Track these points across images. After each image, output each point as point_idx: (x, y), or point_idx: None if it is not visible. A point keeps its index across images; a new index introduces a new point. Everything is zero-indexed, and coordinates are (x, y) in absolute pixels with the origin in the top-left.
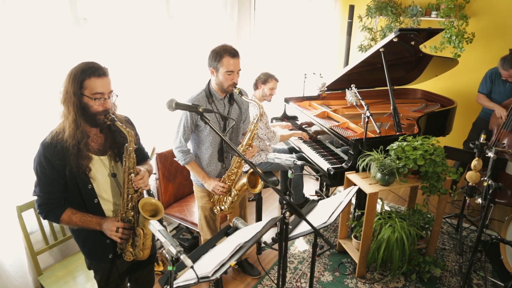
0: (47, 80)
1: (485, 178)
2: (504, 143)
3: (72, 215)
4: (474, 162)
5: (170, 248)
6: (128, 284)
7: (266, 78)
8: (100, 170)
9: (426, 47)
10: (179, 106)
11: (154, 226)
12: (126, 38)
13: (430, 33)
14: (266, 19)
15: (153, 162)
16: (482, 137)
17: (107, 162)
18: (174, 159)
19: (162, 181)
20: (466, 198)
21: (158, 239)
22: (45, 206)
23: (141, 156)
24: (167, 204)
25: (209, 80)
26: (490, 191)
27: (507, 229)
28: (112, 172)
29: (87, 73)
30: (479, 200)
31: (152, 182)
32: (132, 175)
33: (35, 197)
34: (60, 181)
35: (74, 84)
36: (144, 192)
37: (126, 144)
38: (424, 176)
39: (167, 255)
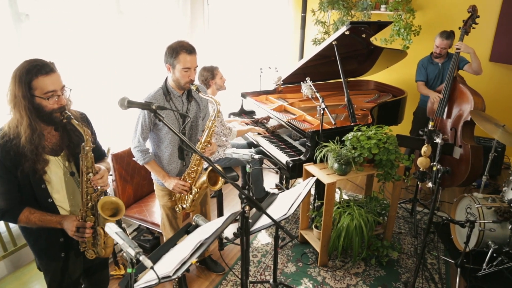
0: None
1: (434, 163)
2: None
3: (30, 215)
4: (424, 149)
5: (129, 250)
6: (83, 286)
7: (212, 72)
8: (54, 170)
9: (377, 40)
10: (131, 104)
11: (111, 228)
12: (74, 34)
13: (380, 26)
14: (220, 14)
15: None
16: (430, 124)
17: (61, 163)
18: (133, 159)
19: (119, 182)
20: (418, 183)
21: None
22: (0, 206)
23: (98, 154)
24: (126, 205)
25: (166, 77)
26: (439, 175)
27: (456, 210)
28: (71, 171)
29: (33, 73)
30: (430, 184)
31: (109, 183)
32: (91, 174)
33: None
34: (14, 180)
35: (22, 87)
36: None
37: (83, 144)
38: (379, 164)
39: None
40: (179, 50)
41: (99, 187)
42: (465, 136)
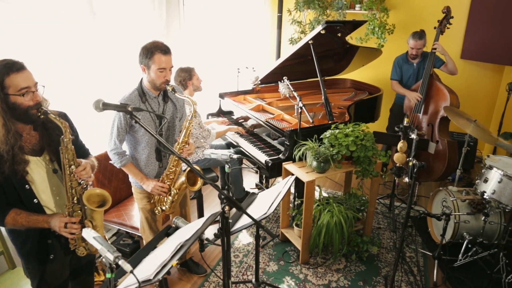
0: None
1: (410, 158)
2: (421, 126)
3: (17, 216)
4: (400, 144)
5: (107, 254)
6: None
7: (190, 73)
8: (37, 171)
9: (353, 39)
10: (106, 106)
11: (88, 233)
12: (45, 35)
13: (355, 25)
14: (196, 15)
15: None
16: (406, 121)
17: (43, 162)
18: (110, 162)
19: (97, 187)
20: (395, 178)
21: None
22: None
23: (82, 152)
24: (104, 210)
25: (141, 79)
26: (415, 170)
27: (432, 204)
28: (53, 168)
29: (4, 72)
30: (406, 179)
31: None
32: (73, 167)
33: None
34: None
35: None
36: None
37: (62, 136)
38: (357, 161)
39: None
40: (154, 50)
41: (82, 180)
42: (442, 131)
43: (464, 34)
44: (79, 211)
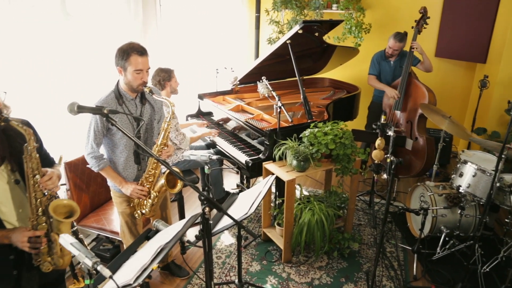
0: None
1: (388, 155)
2: (400, 123)
3: None
4: (377, 142)
5: (85, 260)
6: None
7: (169, 74)
8: None
9: (330, 38)
10: (81, 109)
11: (65, 239)
12: (13, 37)
13: (332, 24)
14: (174, 16)
15: (61, 172)
16: (383, 118)
17: (4, 173)
18: (87, 166)
19: (74, 192)
20: (374, 175)
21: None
22: None
23: (47, 162)
24: (83, 215)
25: (118, 81)
26: (393, 166)
27: (410, 199)
28: (15, 179)
29: None
30: (385, 176)
31: (63, 194)
32: (38, 176)
33: None
34: None
35: None
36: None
37: (26, 144)
38: (336, 159)
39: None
40: (130, 52)
41: (47, 191)
42: (420, 128)
43: (438, 33)
44: (44, 224)
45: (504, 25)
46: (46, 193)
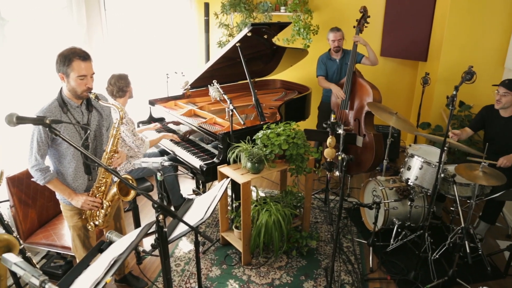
0: None
1: (339, 153)
2: (348, 121)
3: None
4: (328, 140)
5: (32, 280)
6: None
7: (126, 79)
8: None
9: (280, 40)
10: (21, 120)
11: (8, 259)
12: None
13: (281, 26)
14: (120, 20)
15: (3, 188)
16: (333, 117)
17: None
18: (32, 179)
19: (20, 208)
20: (327, 173)
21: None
22: None
23: None
24: (30, 232)
25: (61, 88)
26: (344, 163)
27: (363, 194)
28: None
29: None
30: (337, 173)
31: (6, 211)
32: None
33: None
34: None
35: None
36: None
37: None
38: (290, 159)
39: None
40: (72, 57)
41: None
42: (368, 125)
43: (382, 33)
44: None
45: (441, 25)
46: None
